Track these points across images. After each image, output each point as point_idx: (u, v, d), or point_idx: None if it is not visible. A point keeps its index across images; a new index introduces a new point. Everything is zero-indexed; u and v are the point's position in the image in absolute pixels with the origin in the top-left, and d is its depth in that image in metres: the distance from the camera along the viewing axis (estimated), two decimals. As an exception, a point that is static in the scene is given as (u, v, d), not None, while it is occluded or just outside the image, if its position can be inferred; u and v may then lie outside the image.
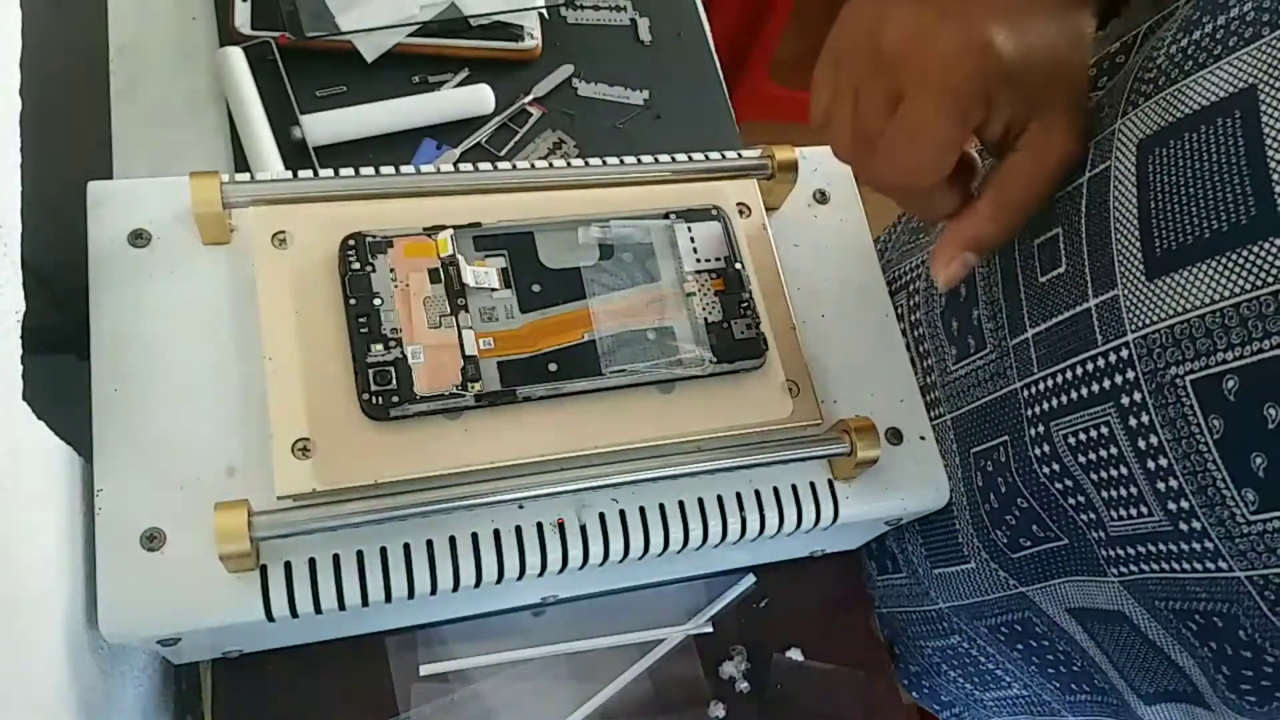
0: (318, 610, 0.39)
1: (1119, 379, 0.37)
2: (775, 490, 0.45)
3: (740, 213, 0.48)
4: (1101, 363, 0.38)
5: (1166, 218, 0.35)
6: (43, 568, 0.36)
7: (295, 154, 0.58)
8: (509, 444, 0.41)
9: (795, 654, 0.53)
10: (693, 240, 0.46)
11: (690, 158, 0.49)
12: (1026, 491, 0.44)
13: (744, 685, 0.51)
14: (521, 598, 0.50)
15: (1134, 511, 0.39)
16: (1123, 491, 0.39)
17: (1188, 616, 0.39)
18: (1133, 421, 0.37)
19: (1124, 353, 0.37)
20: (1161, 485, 0.37)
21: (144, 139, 0.57)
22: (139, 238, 0.42)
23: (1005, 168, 0.40)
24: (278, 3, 0.60)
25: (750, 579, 0.54)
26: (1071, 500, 0.42)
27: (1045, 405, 0.41)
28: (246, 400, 0.41)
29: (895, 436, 0.48)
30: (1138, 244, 0.36)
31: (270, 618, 0.38)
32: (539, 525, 0.42)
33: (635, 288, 0.44)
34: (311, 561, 0.39)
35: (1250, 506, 0.34)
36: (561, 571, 0.42)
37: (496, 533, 0.41)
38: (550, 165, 0.47)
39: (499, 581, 0.41)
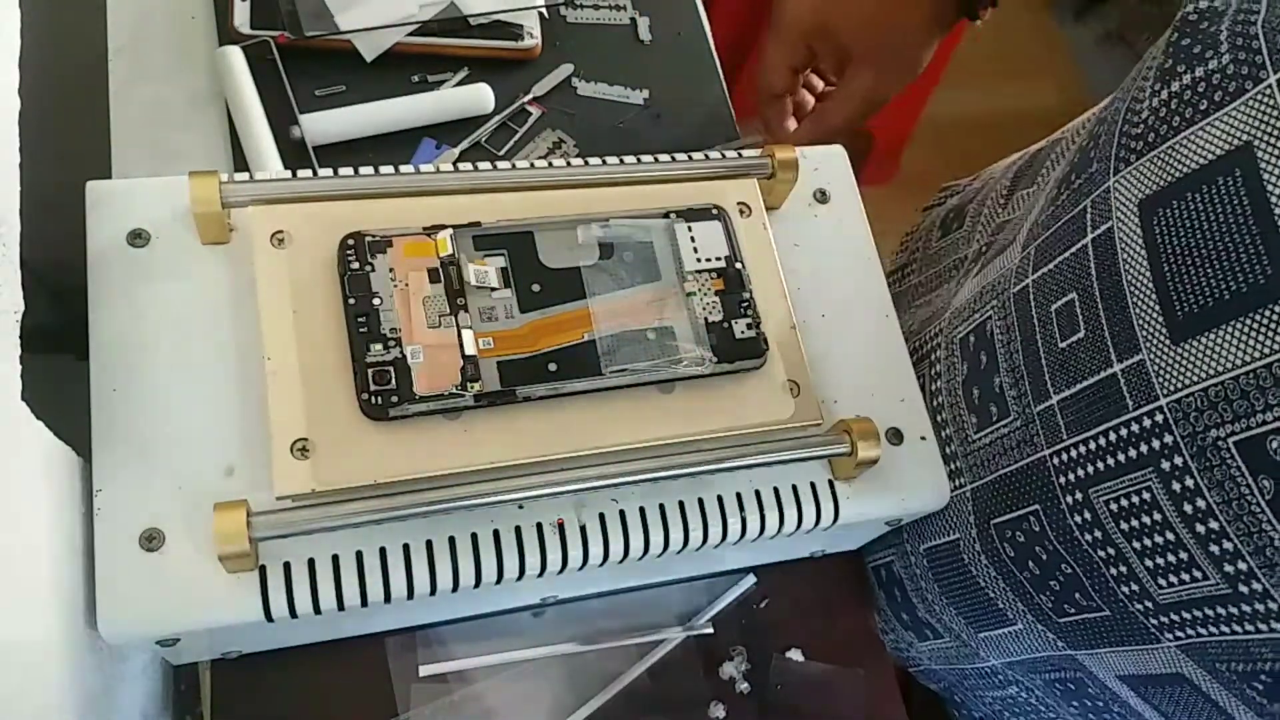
0: (317, 610, 0.39)
1: (1156, 443, 0.37)
2: (775, 490, 0.45)
3: (740, 212, 0.48)
4: (1136, 428, 0.38)
5: (1182, 280, 0.35)
6: (41, 568, 0.36)
7: (294, 153, 0.58)
8: (509, 444, 0.41)
9: (795, 654, 0.53)
10: (693, 240, 0.46)
11: (690, 157, 0.49)
12: (1070, 558, 0.43)
13: (744, 685, 0.51)
14: (521, 598, 0.50)
15: (1186, 576, 0.38)
16: (1171, 558, 0.38)
17: (1253, 677, 0.38)
18: (1176, 486, 0.36)
19: (1159, 417, 0.37)
20: (1215, 548, 0.36)
21: (143, 138, 0.57)
22: (138, 237, 0.42)
23: (824, 99, 0.61)
24: (277, 2, 0.60)
25: (750, 579, 0.54)
26: (1114, 570, 0.41)
27: (1080, 472, 0.41)
28: (245, 400, 0.40)
29: (895, 436, 0.48)
30: (1156, 308, 0.36)
31: (269, 618, 0.38)
32: (539, 526, 0.42)
33: (635, 287, 0.44)
34: (311, 562, 0.39)
35: None
36: (561, 572, 0.42)
37: (496, 533, 0.41)
38: (550, 165, 0.47)
39: (499, 582, 0.41)
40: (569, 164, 0.48)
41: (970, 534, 0.48)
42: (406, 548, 0.40)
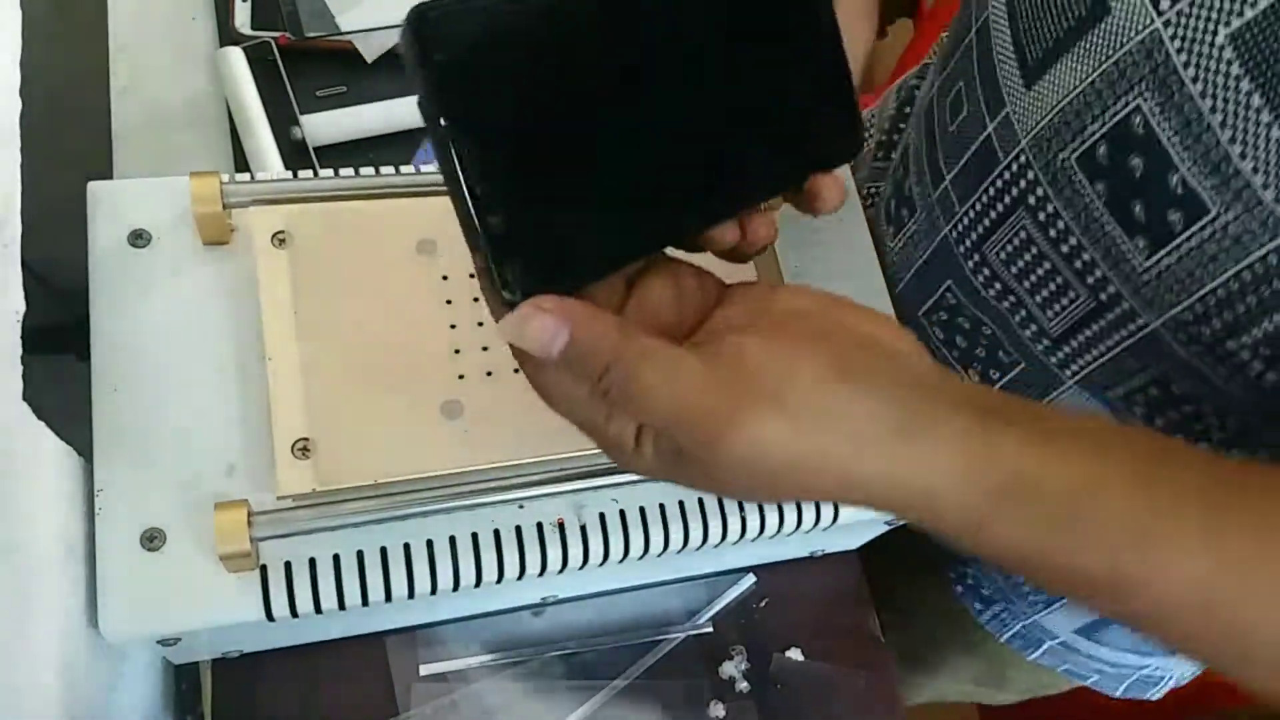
0: (318, 610, 0.39)
1: (1023, 183, 0.42)
2: (775, 490, 0.45)
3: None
4: (1007, 175, 0.43)
5: (1032, 33, 0.41)
6: (43, 568, 0.36)
7: (295, 154, 0.58)
8: (509, 444, 0.41)
9: (795, 654, 0.53)
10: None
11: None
12: (986, 318, 0.48)
13: (744, 685, 0.51)
14: (521, 597, 0.50)
15: (1065, 300, 0.44)
16: (1052, 285, 0.44)
17: (1136, 394, 0.44)
18: (1041, 215, 0.42)
19: (1022, 158, 0.42)
20: (1078, 263, 0.42)
21: (144, 139, 0.57)
22: (139, 238, 0.42)
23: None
24: (278, 3, 0.60)
25: (750, 579, 0.54)
26: (1017, 316, 0.47)
27: (974, 235, 0.47)
28: (246, 400, 0.41)
29: (895, 436, 0.48)
30: (1015, 63, 0.42)
31: (270, 617, 0.38)
32: (539, 525, 0.42)
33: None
34: (311, 561, 0.39)
35: (1143, 254, 0.39)
36: (561, 571, 0.42)
37: (496, 533, 0.41)
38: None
39: (499, 581, 0.41)
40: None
41: None
42: (407, 547, 0.40)
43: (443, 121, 0.25)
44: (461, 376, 0.41)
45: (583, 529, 0.42)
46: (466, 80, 0.25)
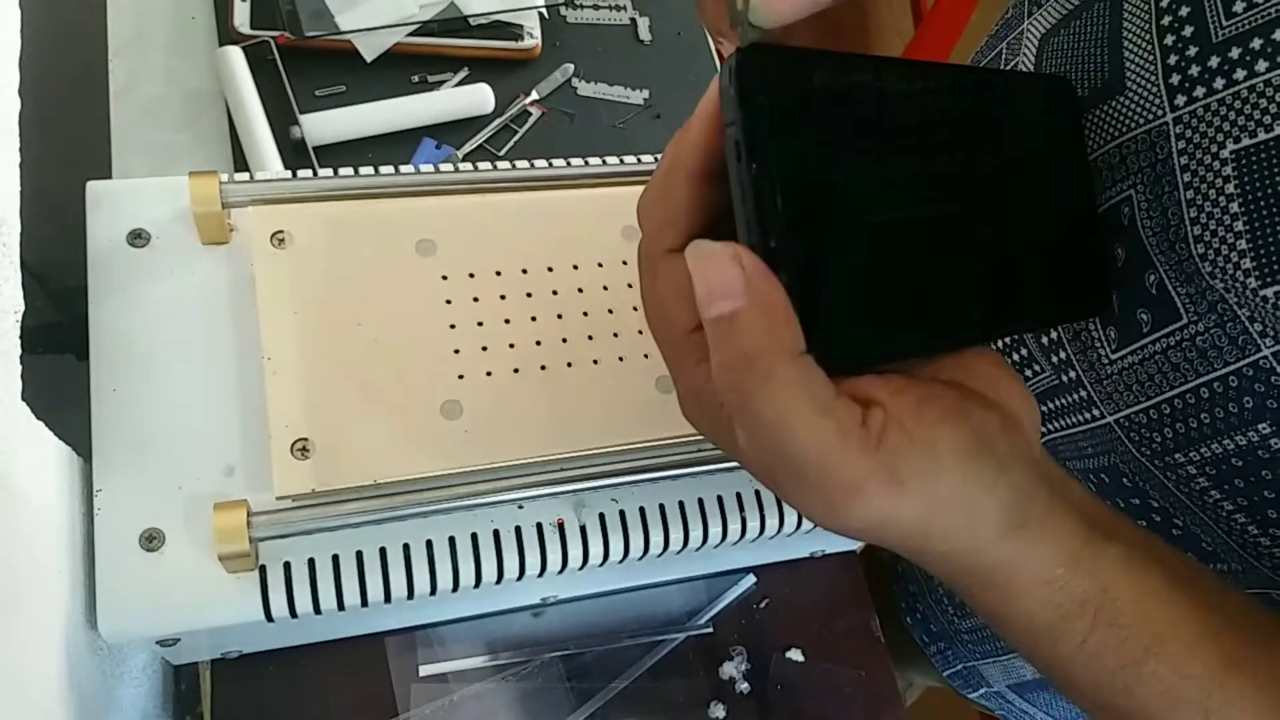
0: (317, 610, 0.39)
1: None
2: (775, 490, 0.45)
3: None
4: None
5: None
6: (42, 568, 0.36)
7: (294, 154, 0.58)
8: (509, 444, 0.41)
9: (795, 654, 0.53)
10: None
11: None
12: None
13: (744, 685, 0.51)
14: (521, 598, 0.50)
15: (1027, 373, 0.44)
16: (1015, 357, 0.44)
17: (1090, 475, 0.43)
18: None
19: None
20: (1045, 339, 0.41)
21: (143, 139, 0.57)
22: (138, 237, 0.42)
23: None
24: (277, 2, 0.60)
25: (750, 579, 0.54)
26: None
27: None
28: (245, 400, 0.40)
29: (895, 436, 0.48)
30: None
31: (269, 618, 0.38)
32: (539, 525, 0.42)
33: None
34: (311, 562, 0.39)
35: (1112, 345, 0.38)
36: (561, 572, 0.42)
37: (496, 533, 0.41)
38: (550, 164, 0.47)
39: (499, 582, 0.41)
40: (569, 163, 0.48)
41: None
42: (406, 548, 0.40)
43: (753, 167, 0.24)
44: (461, 376, 0.41)
45: (583, 529, 0.42)
46: (784, 129, 0.24)
